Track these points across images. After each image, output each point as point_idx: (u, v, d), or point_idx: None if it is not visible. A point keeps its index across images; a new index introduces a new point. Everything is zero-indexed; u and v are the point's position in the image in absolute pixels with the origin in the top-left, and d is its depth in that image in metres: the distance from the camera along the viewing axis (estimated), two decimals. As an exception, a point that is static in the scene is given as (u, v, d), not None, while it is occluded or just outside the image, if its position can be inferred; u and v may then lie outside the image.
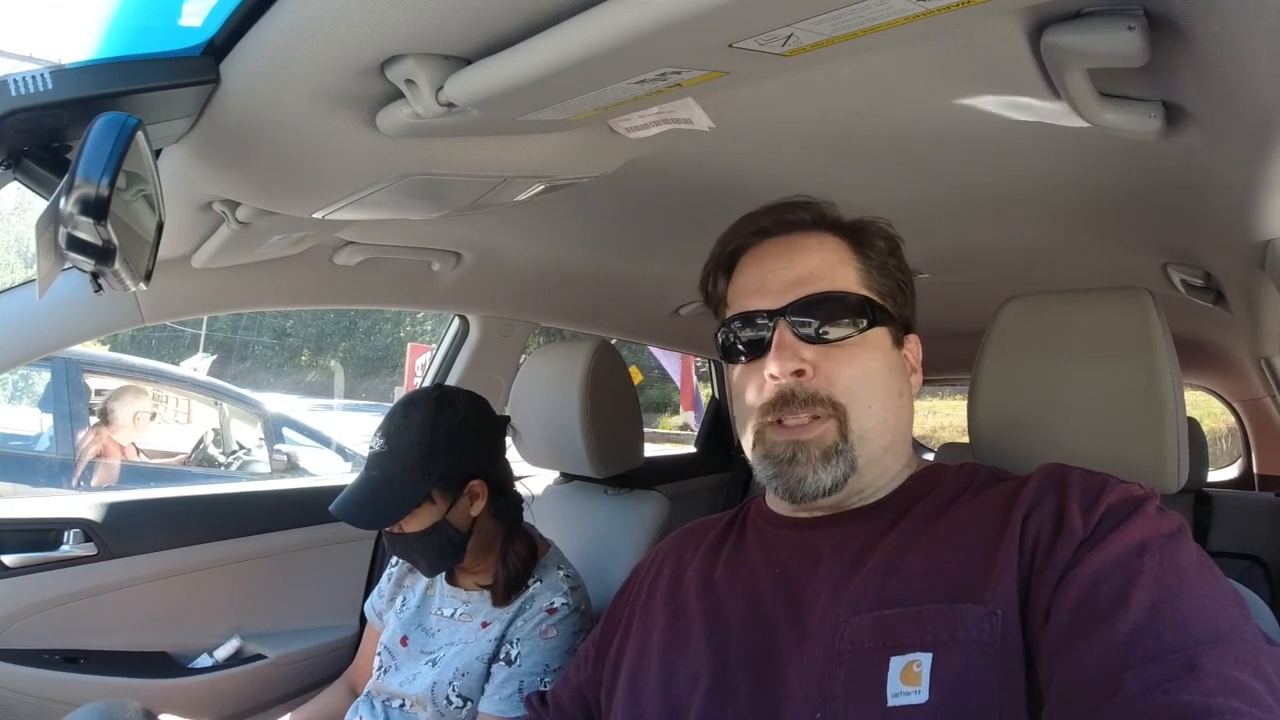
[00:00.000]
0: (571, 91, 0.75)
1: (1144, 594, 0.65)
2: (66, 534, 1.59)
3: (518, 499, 1.46)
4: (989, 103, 0.89)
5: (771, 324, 0.88)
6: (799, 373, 0.85)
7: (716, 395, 3.41)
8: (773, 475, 0.88)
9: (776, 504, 0.97)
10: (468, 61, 0.73)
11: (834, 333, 0.87)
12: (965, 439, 1.10)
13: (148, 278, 0.86)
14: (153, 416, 5.02)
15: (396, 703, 1.37)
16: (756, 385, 0.89)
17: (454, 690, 1.31)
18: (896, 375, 0.91)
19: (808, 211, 0.93)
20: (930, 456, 2.86)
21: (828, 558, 0.86)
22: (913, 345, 0.96)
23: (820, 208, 0.94)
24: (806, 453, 0.85)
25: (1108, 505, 0.74)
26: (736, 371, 0.94)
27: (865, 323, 0.88)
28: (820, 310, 0.87)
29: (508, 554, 1.39)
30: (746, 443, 0.92)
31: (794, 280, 0.89)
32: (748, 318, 0.90)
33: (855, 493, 0.88)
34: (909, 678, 0.71)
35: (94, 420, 4.68)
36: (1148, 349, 0.94)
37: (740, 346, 0.91)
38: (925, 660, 0.71)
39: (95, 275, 0.78)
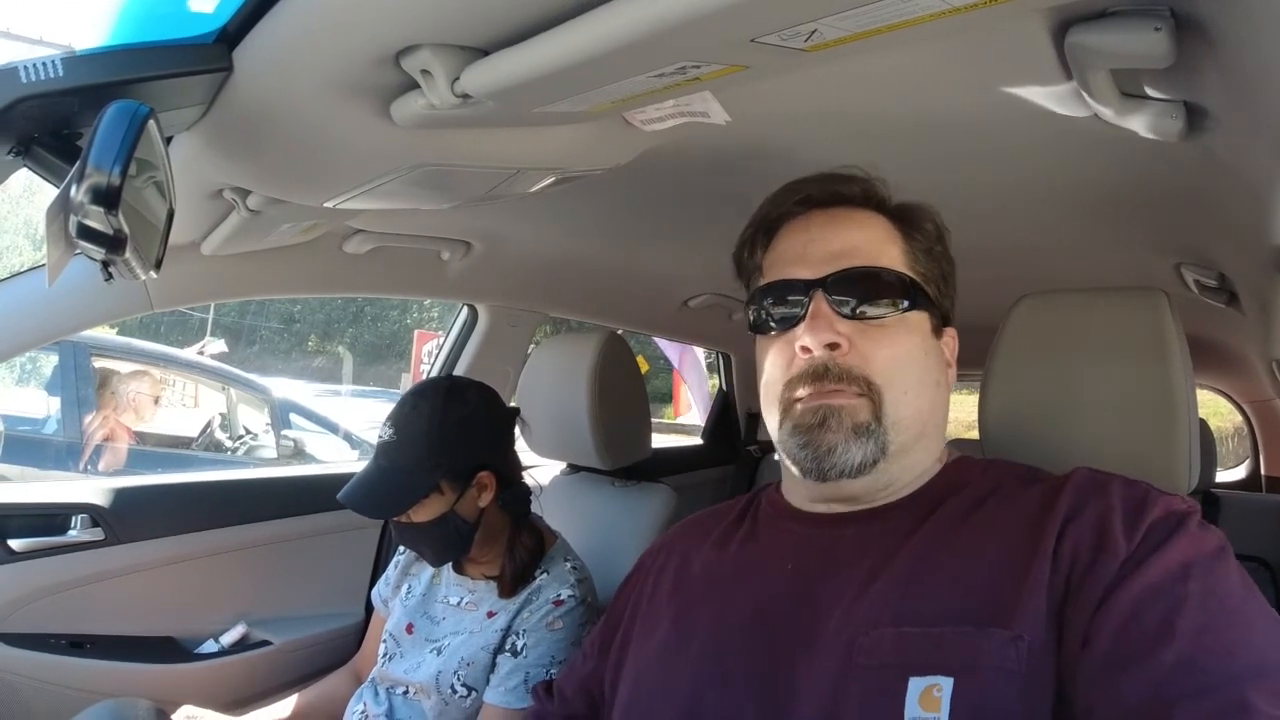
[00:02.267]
0: (589, 84, 0.74)
1: (1188, 622, 0.63)
2: (74, 519, 1.59)
3: (526, 491, 1.46)
4: (1009, 99, 0.88)
5: (808, 295, 0.83)
6: (833, 346, 0.81)
7: (724, 387, 3.40)
8: (801, 445, 0.82)
9: (793, 492, 0.93)
10: (485, 53, 0.72)
11: (873, 310, 0.82)
12: (968, 434, 1.09)
13: (158, 266, 0.86)
14: (156, 400, 5.03)
15: (400, 690, 1.38)
16: (786, 358, 0.84)
17: (459, 679, 1.31)
18: (934, 363, 0.87)
19: (857, 185, 0.89)
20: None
21: (846, 560, 0.82)
22: (950, 338, 0.92)
23: (870, 184, 0.90)
24: (838, 418, 0.80)
25: (1151, 521, 0.70)
26: (765, 344, 0.89)
27: (906, 304, 0.84)
28: (861, 286, 0.83)
29: (515, 546, 1.39)
30: (772, 421, 0.87)
31: (836, 252, 0.84)
32: (784, 286, 0.86)
33: (881, 486, 0.84)
34: (928, 702, 0.68)
35: (101, 404, 4.69)
36: (1162, 350, 0.93)
37: (772, 316, 0.86)
38: (946, 685, 0.68)
39: (105, 264, 0.78)
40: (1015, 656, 0.67)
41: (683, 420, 8.58)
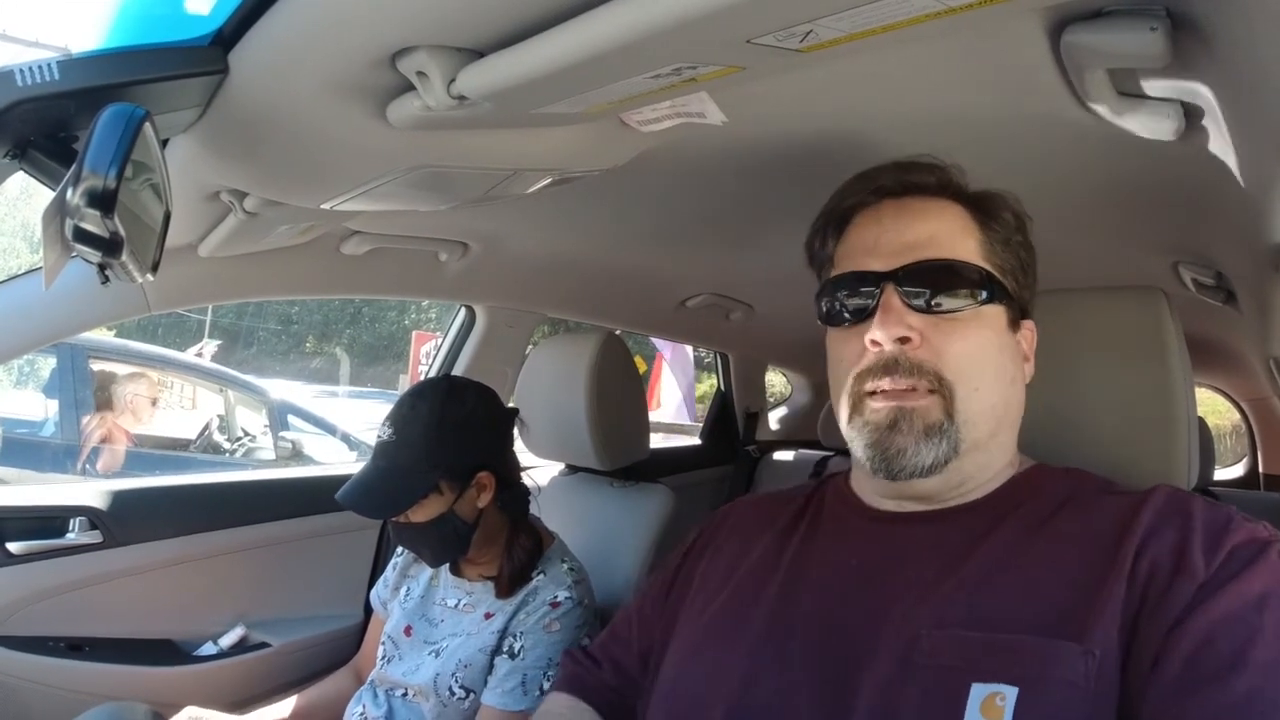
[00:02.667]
0: (585, 86, 0.74)
1: (1262, 653, 0.62)
2: (72, 521, 1.59)
3: (524, 491, 1.46)
4: (1006, 99, 0.88)
5: (879, 288, 0.81)
6: (904, 340, 0.79)
7: (722, 387, 3.40)
8: (870, 444, 0.80)
9: (864, 488, 0.91)
10: (481, 54, 0.72)
11: (947, 304, 0.80)
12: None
13: (154, 269, 0.86)
14: (154, 402, 5.02)
15: (400, 692, 1.38)
16: (856, 351, 0.82)
17: (456, 681, 1.31)
18: (1009, 359, 0.84)
19: (932, 174, 0.87)
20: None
21: (913, 559, 0.80)
22: (1028, 331, 0.89)
23: (946, 172, 0.87)
24: (909, 421, 0.78)
25: (1232, 546, 0.69)
26: (836, 335, 0.87)
27: (984, 295, 0.81)
28: (934, 278, 0.81)
29: (513, 546, 1.39)
30: (842, 415, 0.85)
31: (909, 244, 0.82)
32: (855, 278, 0.84)
33: (954, 486, 0.82)
34: (990, 710, 0.66)
35: (99, 406, 4.68)
36: (1161, 349, 0.93)
37: (846, 308, 0.84)
38: (1010, 695, 0.66)
39: (102, 266, 0.77)
40: (1084, 671, 0.66)
41: (653, 417, 8.55)
